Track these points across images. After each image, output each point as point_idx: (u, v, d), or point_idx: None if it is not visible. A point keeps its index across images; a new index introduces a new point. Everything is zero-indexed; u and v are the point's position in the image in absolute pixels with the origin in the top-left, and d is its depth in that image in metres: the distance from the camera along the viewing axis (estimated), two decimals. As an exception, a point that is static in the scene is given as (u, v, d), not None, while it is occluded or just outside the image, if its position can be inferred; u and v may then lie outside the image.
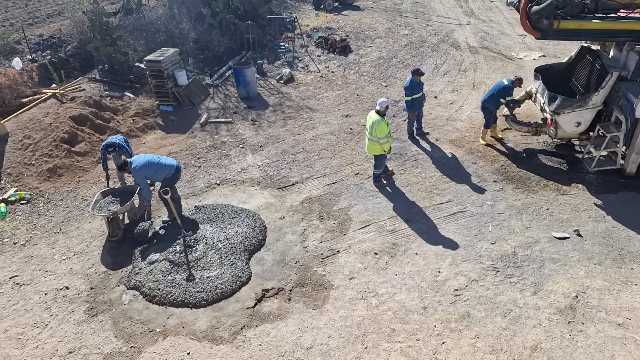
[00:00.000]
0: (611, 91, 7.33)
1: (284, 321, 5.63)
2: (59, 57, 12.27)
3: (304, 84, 11.98)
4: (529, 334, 5.27)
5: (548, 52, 13.00)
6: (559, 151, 8.56)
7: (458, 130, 9.46)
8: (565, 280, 5.90)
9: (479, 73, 11.97)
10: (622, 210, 7.00)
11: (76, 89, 11.31)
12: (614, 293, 5.70)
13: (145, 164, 6.72)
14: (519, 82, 8.33)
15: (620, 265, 6.09)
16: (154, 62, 10.66)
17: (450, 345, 5.19)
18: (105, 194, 7.32)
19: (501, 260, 6.27)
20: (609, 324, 5.33)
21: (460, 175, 8.06)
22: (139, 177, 6.71)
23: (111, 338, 5.57)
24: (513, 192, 7.54)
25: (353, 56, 13.27)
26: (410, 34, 14.68)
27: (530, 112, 9.47)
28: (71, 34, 13.34)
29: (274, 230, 7.06)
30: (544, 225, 6.81)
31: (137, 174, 6.69)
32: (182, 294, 6.00)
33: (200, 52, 13.10)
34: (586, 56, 8.13)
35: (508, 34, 14.56)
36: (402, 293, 5.88)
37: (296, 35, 14.21)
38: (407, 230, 6.91)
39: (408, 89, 8.68)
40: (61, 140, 9.31)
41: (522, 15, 7.18)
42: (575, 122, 7.65)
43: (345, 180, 8.13)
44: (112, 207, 7.02)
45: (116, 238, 6.97)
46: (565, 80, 8.48)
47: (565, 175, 7.90)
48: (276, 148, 9.27)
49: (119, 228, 7.02)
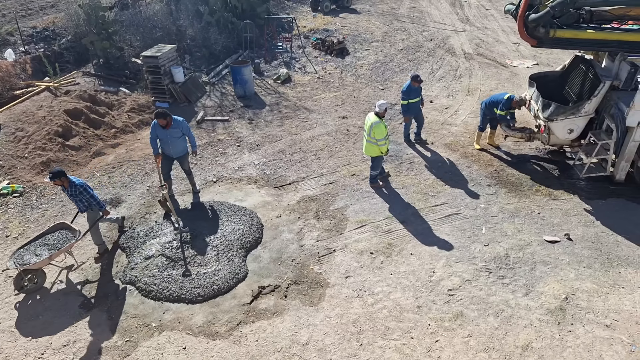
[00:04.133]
0: (603, 100, 7.52)
1: (280, 318, 5.67)
2: (53, 50, 12.15)
3: (301, 85, 12.04)
4: (520, 333, 5.38)
5: (541, 60, 13.26)
6: (551, 157, 8.76)
7: (453, 135, 9.61)
8: (555, 282, 6.04)
9: (473, 79, 12.16)
10: (611, 215, 7.18)
11: (70, 82, 11.20)
12: (602, 295, 5.86)
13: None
14: (517, 103, 8.26)
15: (608, 268, 6.26)
16: (151, 58, 10.61)
17: (444, 344, 5.28)
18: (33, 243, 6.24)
19: (494, 261, 6.39)
20: (597, 325, 5.47)
21: (455, 178, 8.19)
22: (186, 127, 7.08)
23: (106, 332, 5.54)
24: (506, 196, 7.69)
25: (350, 59, 13.37)
26: (406, 38, 14.85)
27: (524, 119, 9.65)
28: (66, 27, 13.22)
29: (271, 229, 7.09)
30: (536, 229, 6.96)
31: (184, 124, 7.04)
32: (178, 290, 6.00)
33: (197, 49, 13.08)
34: (580, 65, 8.33)
35: (502, 41, 14.81)
36: (397, 292, 5.96)
37: (293, 36, 14.27)
38: (402, 231, 7.00)
39: (405, 93, 8.77)
40: (55, 133, 9.22)
41: (519, 23, 7.33)
42: (567, 129, 7.84)
43: (342, 180, 8.20)
44: (31, 257, 6.02)
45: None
46: (559, 88, 8.67)
47: (556, 181, 8.08)
48: (273, 147, 9.30)
49: (25, 284, 5.95)
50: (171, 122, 6.85)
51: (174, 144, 7.04)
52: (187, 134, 7.14)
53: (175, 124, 6.90)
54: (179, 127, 6.94)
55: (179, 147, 7.12)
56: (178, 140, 7.03)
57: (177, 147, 7.09)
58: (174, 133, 6.93)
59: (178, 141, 7.04)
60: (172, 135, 6.94)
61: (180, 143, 7.09)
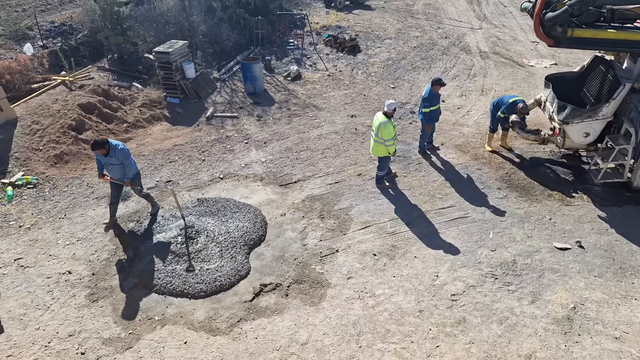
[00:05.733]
0: (622, 103, 7.26)
1: (280, 316, 5.66)
2: (69, 45, 12.35)
3: (311, 82, 11.97)
4: (524, 342, 5.25)
5: (560, 60, 12.88)
6: (566, 161, 8.50)
7: (464, 136, 9.42)
8: (564, 291, 5.87)
9: (488, 79, 11.89)
10: (627, 224, 6.94)
11: (85, 77, 11.38)
12: (613, 306, 5.66)
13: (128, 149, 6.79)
14: (520, 109, 8.05)
15: (620, 279, 6.05)
16: (163, 54, 10.70)
17: (445, 349, 5.19)
18: None
19: (500, 267, 6.24)
20: (605, 336, 5.29)
21: (464, 180, 8.03)
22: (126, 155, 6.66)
23: (110, 324, 5.63)
24: (516, 200, 7.50)
25: (362, 56, 13.23)
26: (420, 35, 14.61)
27: (539, 121, 9.40)
28: (82, 22, 13.42)
29: (275, 227, 7.08)
30: (546, 235, 6.77)
31: (125, 154, 6.64)
32: (181, 284, 6.05)
33: (209, 45, 13.12)
34: (599, 66, 8.05)
35: (520, 40, 14.44)
36: (399, 295, 5.88)
37: (305, 33, 14.19)
38: (407, 233, 6.90)
39: (427, 100, 8.09)
40: (69, 127, 9.39)
41: (535, 22, 7.10)
42: (583, 133, 7.59)
43: (348, 180, 8.13)
44: None
45: None
46: (576, 90, 8.40)
47: (570, 186, 7.84)
48: (280, 145, 9.28)
49: None
50: (109, 150, 6.53)
51: (113, 171, 6.78)
52: (124, 161, 6.66)
53: (112, 152, 6.53)
54: (115, 155, 6.58)
55: (118, 174, 6.80)
56: (117, 167, 6.72)
57: (116, 174, 6.79)
58: (112, 160, 6.63)
59: (117, 168, 6.73)
60: (110, 162, 6.65)
61: (119, 170, 6.75)
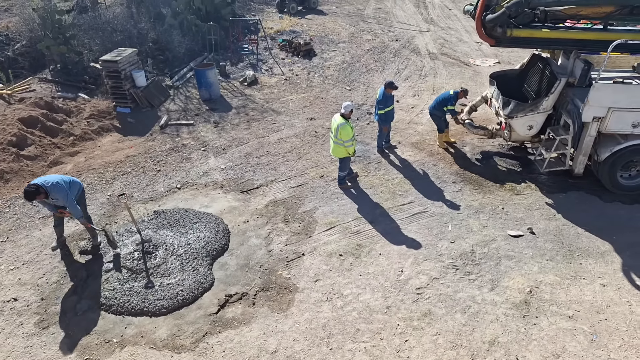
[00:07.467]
0: (560, 96, 7.76)
1: (248, 326, 5.53)
2: (6, 56, 11.57)
3: (268, 87, 11.91)
4: (487, 329, 5.45)
5: (503, 59, 13.62)
6: (513, 153, 8.97)
7: (419, 134, 9.71)
8: (520, 276, 6.16)
9: (438, 78, 12.35)
10: (571, 208, 7.41)
11: (25, 89, 10.69)
12: (565, 287, 6.02)
13: (60, 180, 6.03)
14: (463, 94, 8.61)
15: (570, 260, 6.44)
16: (111, 62, 10.25)
17: (413, 343, 5.29)
18: None
19: (460, 258, 6.46)
20: (560, 316, 5.61)
21: (422, 177, 8.27)
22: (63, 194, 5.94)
23: (64, 350, 5.26)
24: (471, 193, 7.82)
25: (317, 60, 13.34)
26: (373, 39, 14.95)
27: (487, 116, 9.86)
28: (20, 31, 12.62)
29: (238, 235, 6.94)
30: (500, 224, 7.10)
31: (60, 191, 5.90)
32: (140, 302, 5.76)
33: (160, 52, 12.74)
34: (537, 63, 8.57)
35: (466, 41, 15.14)
36: (367, 293, 5.93)
37: (260, 38, 14.13)
38: (371, 231, 6.99)
39: (381, 102, 8.45)
40: (8, 143, 8.76)
41: (477, 24, 7.48)
42: (527, 126, 8.04)
43: (311, 182, 8.13)
44: None
45: None
46: (518, 86, 8.90)
47: (519, 176, 8.28)
48: (240, 151, 9.13)
49: None
50: (47, 193, 5.97)
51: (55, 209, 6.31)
52: (64, 203, 6.08)
53: (50, 193, 5.95)
54: (55, 196, 6.02)
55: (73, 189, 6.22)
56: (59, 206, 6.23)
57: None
58: (56, 201, 6.15)
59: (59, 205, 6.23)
60: (55, 203, 6.18)
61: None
